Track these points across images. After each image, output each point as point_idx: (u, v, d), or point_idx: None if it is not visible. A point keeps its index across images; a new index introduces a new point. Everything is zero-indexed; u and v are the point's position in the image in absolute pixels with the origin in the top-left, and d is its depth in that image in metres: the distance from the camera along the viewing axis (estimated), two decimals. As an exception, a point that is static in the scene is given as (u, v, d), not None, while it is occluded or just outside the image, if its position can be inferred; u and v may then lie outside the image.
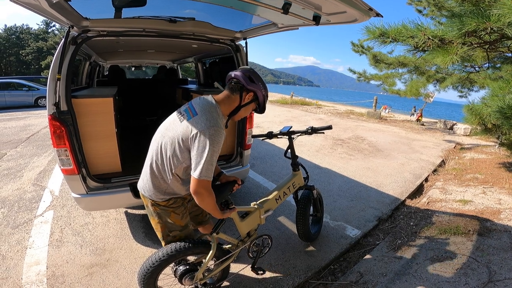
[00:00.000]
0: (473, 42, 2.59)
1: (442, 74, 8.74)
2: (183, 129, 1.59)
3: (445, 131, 10.20)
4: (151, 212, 1.86)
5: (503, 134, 5.01)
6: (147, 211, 1.91)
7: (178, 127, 1.63)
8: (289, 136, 2.53)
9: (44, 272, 2.43)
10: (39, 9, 1.86)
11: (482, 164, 5.64)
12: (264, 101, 1.80)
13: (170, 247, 1.81)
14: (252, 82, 1.71)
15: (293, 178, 2.56)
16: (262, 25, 2.75)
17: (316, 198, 2.79)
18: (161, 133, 1.75)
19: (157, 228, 1.91)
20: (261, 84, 1.73)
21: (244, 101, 1.73)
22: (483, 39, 2.57)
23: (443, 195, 4.10)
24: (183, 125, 1.60)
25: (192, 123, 1.57)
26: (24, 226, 3.12)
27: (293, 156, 2.57)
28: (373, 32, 2.83)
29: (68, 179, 2.46)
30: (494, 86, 3.29)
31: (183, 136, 1.58)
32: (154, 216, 1.86)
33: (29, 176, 4.39)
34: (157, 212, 1.83)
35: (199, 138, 1.52)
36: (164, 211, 1.82)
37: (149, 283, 1.85)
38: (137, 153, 3.62)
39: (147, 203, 1.86)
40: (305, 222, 2.69)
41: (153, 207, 1.82)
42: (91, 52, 4.02)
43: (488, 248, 2.66)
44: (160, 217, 1.85)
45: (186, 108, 1.71)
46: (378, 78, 10.55)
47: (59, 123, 2.26)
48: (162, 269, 1.86)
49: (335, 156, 6.21)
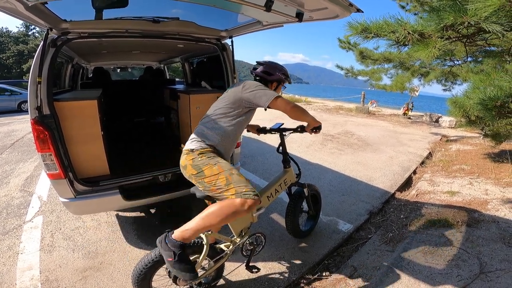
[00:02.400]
0: (452, 36, 2.60)
1: (426, 69, 8.82)
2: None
3: (431, 124, 10.31)
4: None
5: (486, 125, 5.05)
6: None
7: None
8: (281, 133, 2.49)
9: (38, 277, 2.35)
10: (16, 12, 1.78)
11: (468, 155, 5.68)
12: (286, 80, 2.16)
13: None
14: (271, 74, 2.06)
15: (284, 175, 2.51)
16: (247, 23, 2.70)
17: (308, 196, 2.72)
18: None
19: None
20: (277, 71, 2.08)
21: (272, 89, 2.05)
22: (461, 33, 2.59)
23: (431, 187, 4.10)
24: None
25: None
26: (14, 232, 3.00)
27: (284, 152, 2.52)
28: (355, 27, 2.82)
29: (55, 183, 2.36)
30: (475, 79, 3.33)
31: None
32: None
33: (16, 182, 4.23)
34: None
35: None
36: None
37: (143, 284, 1.81)
38: (126, 155, 3.52)
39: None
40: (294, 218, 2.65)
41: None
42: (73, 54, 3.89)
43: (478, 239, 2.65)
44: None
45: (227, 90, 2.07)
46: (365, 73, 10.61)
47: (42, 127, 2.15)
48: (155, 270, 1.82)
49: (326, 152, 6.18)
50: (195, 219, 1.73)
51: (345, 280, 2.34)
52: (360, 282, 2.30)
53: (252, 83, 1.89)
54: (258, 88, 1.85)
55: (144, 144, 4.00)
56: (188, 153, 1.88)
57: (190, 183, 2.92)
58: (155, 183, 2.83)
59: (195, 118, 3.22)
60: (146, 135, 4.67)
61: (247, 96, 1.85)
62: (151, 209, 3.47)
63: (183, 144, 3.74)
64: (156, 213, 3.42)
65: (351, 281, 2.33)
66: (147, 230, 3.05)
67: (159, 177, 2.83)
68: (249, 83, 1.89)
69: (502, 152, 5.51)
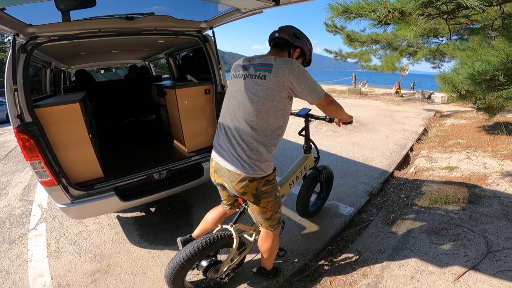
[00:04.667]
0: (432, 13, 2.49)
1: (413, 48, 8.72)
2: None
3: (424, 100, 10.14)
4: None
5: (478, 99, 4.93)
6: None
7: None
8: (306, 119, 2.39)
9: (50, 283, 2.29)
10: None
11: (463, 129, 5.55)
12: (310, 54, 1.73)
13: (197, 243, 1.74)
14: (298, 38, 1.64)
15: (305, 161, 2.44)
16: (226, 12, 2.52)
17: (322, 180, 2.69)
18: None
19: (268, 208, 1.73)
20: (305, 39, 1.67)
21: (293, 56, 1.66)
22: (441, 10, 2.48)
23: (429, 163, 3.99)
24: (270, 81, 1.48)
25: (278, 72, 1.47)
26: (19, 240, 2.91)
27: (307, 138, 2.44)
28: (336, 9, 2.68)
29: (50, 190, 2.23)
30: (462, 55, 3.28)
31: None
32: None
33: (15, 193, 4.10)
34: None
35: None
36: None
37: (178, 281, 1.79)
38: (119, 156, 3.37)
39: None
40: (306, 199, 2.63)
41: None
42: (49, 58, 3.69)
43: (481, 217, 2.55)
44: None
45: (257, 70, 1.53)
46: (354, 55, 10.46)
47: (27, 135, 2.00)
48: (190, 266, 1.78)
49: (321, 135, 6.03)
50: (266, 257, 1.98)
51: (351, 265, 2.25)
52: (365, 266, 2.20)
53: (300, 67, 1.47)
54: (309, 79, 1.48)
55: (136, 144, 3.86)
56: (253, 181, 1.56)
57: (185, 179, 2.85)
58: (150, 181, 2.71)
59: (184, 113, 3.09)
60: (138, 134, 4.51)
61: (295, 84, 1.46)
62: (151, 208, 3.35)
63: (176, 140, 3.66)
64: (156, 211, 3.30)
65: (356, 265, 2.23)
66: (149, 229, 2.94)
67: (154, 175, 2.70)
68: (296, 67, 1.45)
69: (496, 124, 5.38)
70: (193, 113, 3.12)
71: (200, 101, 3.12)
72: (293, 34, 1.62)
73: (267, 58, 1.52)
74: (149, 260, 2.48)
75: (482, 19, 3.75)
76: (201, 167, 2.90)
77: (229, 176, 1.58)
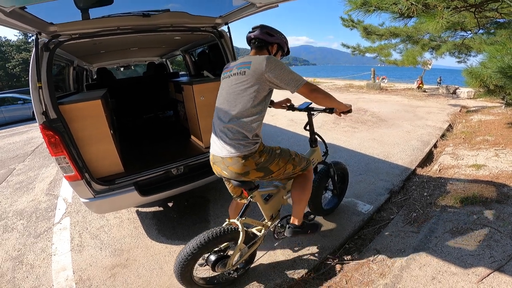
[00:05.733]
0: (459, 6, 2.35)
1: (436, 42, 8.32)
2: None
3: (448, 95, 9.71)
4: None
5: (507, 94, 4.67)
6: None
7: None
8: (308, 112, 2.37)
9: (72, 277, 2.37)
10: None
11: (490, 125, 5.27)
12: (287, 46, 1.94)
13: (203, 236, 1.77)
14: (272, 36, 1.82)
15: (311, 154, 2.41)
16: (241, 7, 2.52)
17: (333, 175, 2.63)
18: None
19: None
20: (278, 34, 1.85)
21: (272, 53, 1.87)
22: (469, 2, 2.34)
23: (454, 161, 3.82)
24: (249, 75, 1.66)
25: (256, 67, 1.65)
26: (45, 234, 3.05)
27: (311, 132, 2.43)
28: (354, 2, 2.64)
29: (73, 185, 2.33)
30: (490, 49, 3.12)
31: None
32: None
33: (41, 187, 4.30)
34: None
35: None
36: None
37: (186, 275, 1.81)
38: (138, 152, 3.47)
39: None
40: (317, 195, 2.55)
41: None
42: (72, 57, 3.83)
43: (509, 217, 2.41)
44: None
45: (238, 68, 1.73)
46: (373, 50, 10.15)
47: (52, 131, 2.09)
48: (196, 260, 1.81)
49: (339, 130, 5.92)
50: (294, 207, 2.08)
51: (368, 264, 2.20)
52: (384, 266, 2.14)
53: (276, 61, 1.61)
54: (285, 70, 1.60)
55: (154, 139, 3.95)
56: (246, 159, 1.67)
57: (201, 175, 2.87)
58: (168, 176, 2.77)
59: (201, 108, 3.12)
60: (156, 130, 4.61)
61: (272, 77, 1.60)
62: (169, 203, 3.43)
63: (193, 135, 3.72)
64: (173, 206, 3.37)
65: (374, 265, 2.18)
66: (167, 224, 3.01)
67: (172, 171, 2.76)
68: (272, 61, 1.60)
69: (527, 120, 5.08)
70: (209, 109, 3.13)
71: None
72: (266, 33, 1.80)
73: (247, 58, 1.74)
74: (166, 255, 2.54)
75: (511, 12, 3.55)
76: None
77: (224, 163, 1.71)
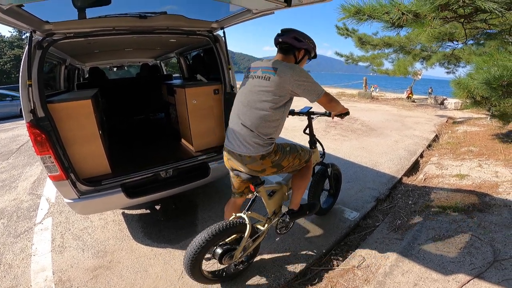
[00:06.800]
0: (448, 16, 2.45)
1: (427, 52, 8.58)
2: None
3: (436, 106, 9.97)
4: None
5: (493, 105, 4.83)
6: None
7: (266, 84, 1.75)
8: (309, 116, 2.54)
9: (51, 278, 2.33)
10: None
11: (475, 136, 5.44)
12: (314, 51, 1.94)
13: (213, 228, 1.85)
14: (300, 41, 1.82)
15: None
16: (237, 13, 2.57)
17: (330, 175, 2.79)
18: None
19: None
20: (307, 40, 1.84)
21: (298, 58, 1.88)
22: (458, 13, 2.44)
23: (439, 171, 3.92)
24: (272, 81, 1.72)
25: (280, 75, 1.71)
26: (25, 234, 2.98)
27: (311, 134, 2.58)
28: (348, 10, 2.70)
29: (58, 185, 2.30)
30: (478, 60, 3.23)
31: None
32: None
33: (24, 186, 4.21)
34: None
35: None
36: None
37: (196, 268, 1.87)
38: (127, 153, 3.44)
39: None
40: (315, 195, 2.68)
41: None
42: (65, 55, 3.80)
43: (490, 225, 2.49)
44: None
45: (263, 71, 1.78)
46: (366, 59, 10.37)
47: (39, 130, 2.07)
48: (206, 252, 1.87)
49: (329, 138, 6.00)
50: (294, 193, 2.23)
51: (353, 270, 2.23)
52: (368, 272, 2.18)
53: (301, 73, 1.71)
54: (308, 81, 1.72)
55: (144, 141, 3.93)
56: (264, 158, 1.84)
57: (191, 178, 2.88)
58: (157, 179, 2.75)
59: (193, 112, 3.13)
60: (147, 132, 4.58)
61: (295, 88, 1.70)
62: (156, 206, 3.40)
63: (183, 139, 3.71)
64: (161, 209, 3.34)
65: (359, 271, 2.21)
66: (153, 226, 2.98)
67: (161, 173, 2.75)
68: (297, 72, 1.69)
69: (510, 132, 5.25)
70: (201, 113, 3.15)
71: (209, 101, 3.16)
72: (294, 38, 1.80)
73: (273, 62, 1.77)
74: (152, 258, 2.51)
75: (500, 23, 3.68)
76: (208, 167, 2.92)
77: (242, 160, 1.84)
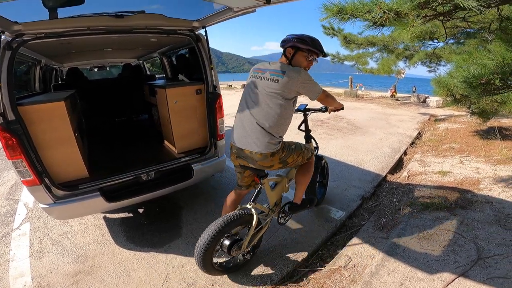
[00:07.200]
0: (428, 14, 2.50)
1: (410, 51, 8.76)
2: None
3: (419, 104, 10.19)
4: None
5: (472, 103, 4.95)
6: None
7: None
8: (304, 113, 2.65)
9: (31, 284, 2.25)
10: None
11: (456, 133, 5.58)
12: (321, 51, 2.01)
13: (222, 219, 1.92)
14: (306, 43, 1.93)
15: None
16: (218, 11, 2.51)
17: (324, 166, 2.99)
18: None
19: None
20: (311, 41, 1.94)
21: (298, 58, 1.98)
22: (438, 11, 2.49)
23: (422, 168, 3.99)
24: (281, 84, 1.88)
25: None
26: (2, 240, 2.84)
27: (306, 130, 2.69)
28: (330, 9, 2.69)
29: (32, 190, 2.20)
30: (458, 59, 3.29)
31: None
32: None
33: (1, 191, 4.01)
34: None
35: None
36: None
37: (207, 260, 1.92)
38: (107, 156, 3.32)
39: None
40: (312, 187, 2.81)
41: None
42: (39, 56, 3.64)
43: (473, 222, 2.54)
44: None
45: (271, 74, 1.93)
46: (351, 58, 10.49)
47: (9, 133, 1.97)
48: (216, 243, 1.92)
49: (316, 137, 5.94)
50: (297, 188, 2.38)
51: (340, 271, 2.22)
52: (355, 272, 2.18)
53: (307, 77, 1.92)
54: (311, 82, 1.93)
55: (126, 143, 3.81)
56: (273, 155, 1.98)
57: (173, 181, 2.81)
58: (138, 182, 2.66)
59: (174, 113, 3.05)
60: (129, 134, 4.45)
61: (301, 89, 1.92)
62: (139, 209, 3.30)
63: (166, 140, 3.63)
64: (144, 212, 3.25)
65: (346, 271, 2.21)
66: (136, 230, 2.89)
67: (142, 176, 2.66)
68: (305, 75, 1.90)
69: (490, 129, 5.41)
70: (183, 113, 3.07)
71: (191, 101, 3.08)
72: (301, 41, 1.92)
73: (281, 66, 1.94)
74: (134, 262, 2.44)
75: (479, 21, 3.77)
76: (191, 169, 2.86)
77: (252, 157, 1.97)
